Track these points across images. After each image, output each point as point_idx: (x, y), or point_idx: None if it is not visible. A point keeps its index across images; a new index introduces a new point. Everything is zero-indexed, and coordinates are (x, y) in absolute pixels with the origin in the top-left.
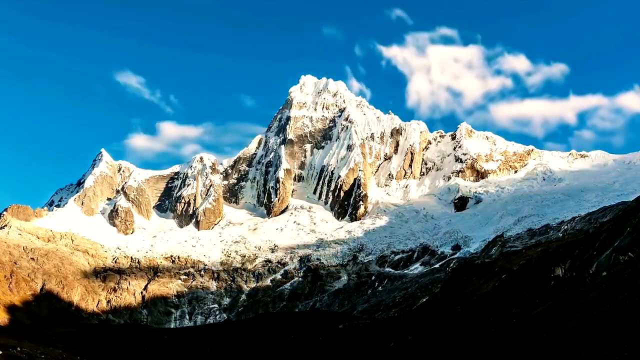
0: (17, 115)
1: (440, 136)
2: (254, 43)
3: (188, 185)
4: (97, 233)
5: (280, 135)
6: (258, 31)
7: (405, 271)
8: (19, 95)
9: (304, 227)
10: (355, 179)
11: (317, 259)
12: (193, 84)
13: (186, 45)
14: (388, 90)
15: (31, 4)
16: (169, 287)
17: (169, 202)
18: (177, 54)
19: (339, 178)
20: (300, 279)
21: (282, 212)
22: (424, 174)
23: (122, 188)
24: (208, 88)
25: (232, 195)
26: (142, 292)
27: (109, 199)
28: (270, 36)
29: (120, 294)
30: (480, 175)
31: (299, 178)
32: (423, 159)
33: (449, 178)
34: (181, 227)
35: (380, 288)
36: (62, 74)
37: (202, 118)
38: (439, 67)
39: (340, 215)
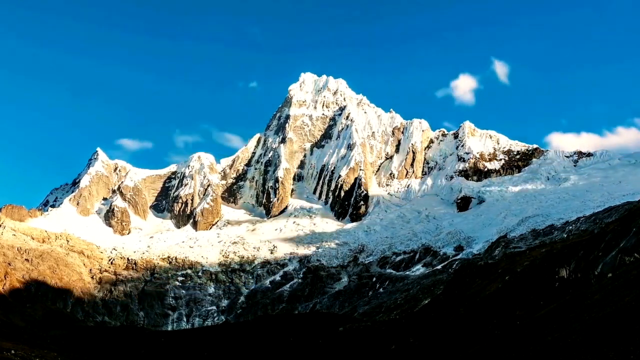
0: (13, 115)
1: (443, 135)
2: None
3: (185, 185)
4: (92, 234)
5: (280, 134)
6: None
7: (407, 272)
8: (15, 95)
9: (303, 228)
10: (355, 179)
11: (317, 260)
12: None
13: (184, 40)
14: None
15: (27, 2)
16: (166, 288)
17: (166, 202)
18: (175, 48)
19: (339, 177)
20: (299, 280)
21: (282, 212)
22: (425, 174)
23: (118, 188)
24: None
25: (230, 195)
26: (138, 294)
27: (104, 199)
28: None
29: (117, 296)
30: (483, 174)
31: (299, 177)
32: (425, 158)
33: (452, 178)
34: (178, 227)
35: (381, 290)
36: (59, 73)
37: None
38: None
39: (340, 215)
